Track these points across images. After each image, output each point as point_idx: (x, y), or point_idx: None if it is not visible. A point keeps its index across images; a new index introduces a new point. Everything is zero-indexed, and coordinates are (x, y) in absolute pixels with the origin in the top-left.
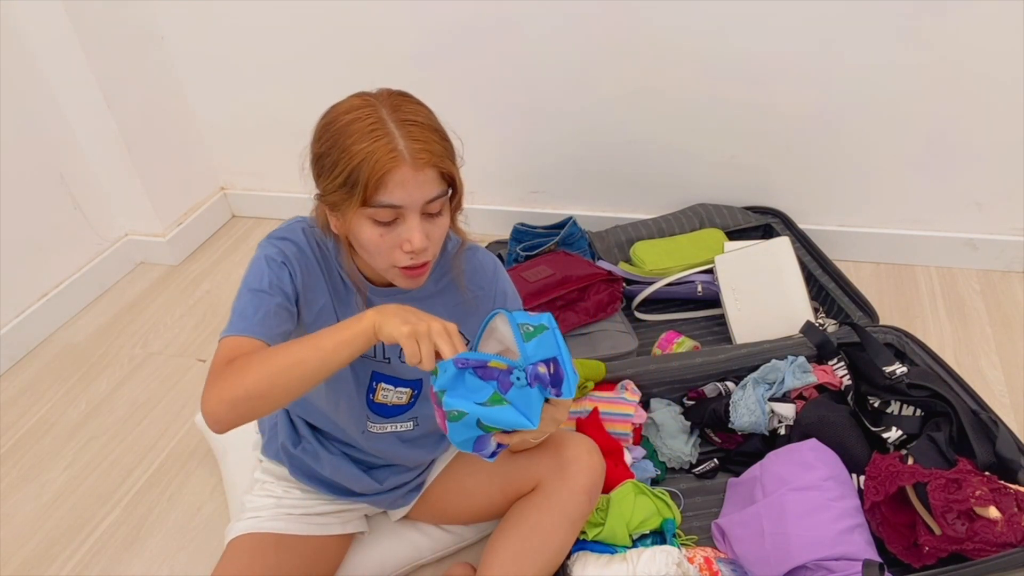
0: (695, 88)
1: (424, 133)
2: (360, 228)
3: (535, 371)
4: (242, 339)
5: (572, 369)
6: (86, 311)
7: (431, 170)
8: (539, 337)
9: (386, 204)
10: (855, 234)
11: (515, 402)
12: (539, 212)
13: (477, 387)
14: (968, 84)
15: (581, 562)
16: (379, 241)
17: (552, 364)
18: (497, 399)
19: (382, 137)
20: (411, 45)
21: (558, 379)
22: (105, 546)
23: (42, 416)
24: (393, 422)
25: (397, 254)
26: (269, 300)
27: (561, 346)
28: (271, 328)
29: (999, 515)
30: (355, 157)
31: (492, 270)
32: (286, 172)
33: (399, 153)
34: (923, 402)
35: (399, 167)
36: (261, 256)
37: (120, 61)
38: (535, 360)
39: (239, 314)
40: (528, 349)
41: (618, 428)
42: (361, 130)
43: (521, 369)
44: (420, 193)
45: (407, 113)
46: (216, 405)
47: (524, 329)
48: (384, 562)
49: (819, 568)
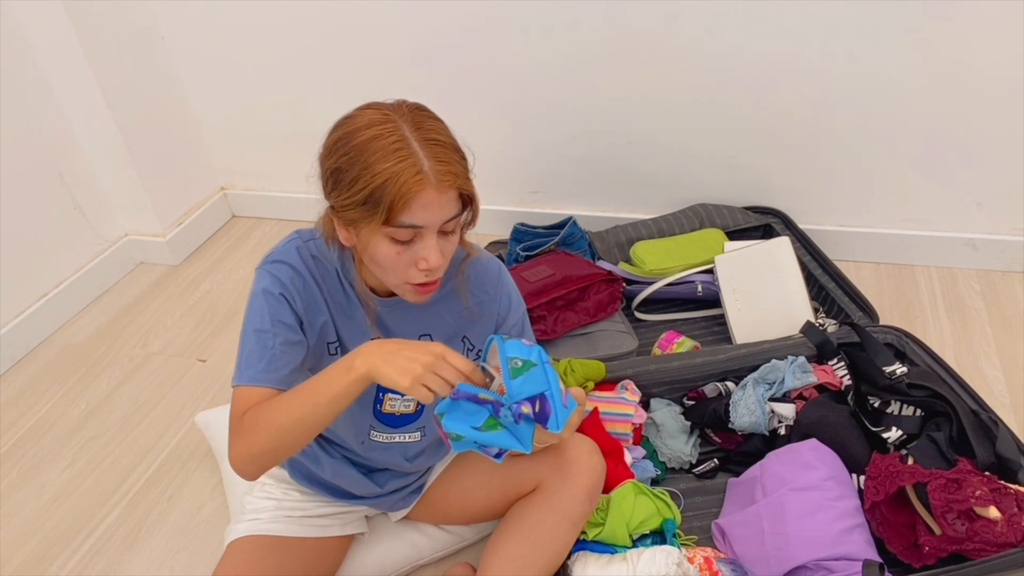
0: (695, 88)
1: (447, 154)
2: (377, 245)
3: (518, 410)
4: (252, 389)
5: (562, 403)
6: (86, 311)
7: (453, 192)
8: (526, 374)
9: (408, 225)
10: (855, 234)
11: (509, 428)
12: (539, 212)
13: (473, 411)
14: (968, 84)
15: (581, 562)
16: (395, 259)
17: (538, 401)
18: (492, 423)
19: (407, 158)
20: (411, 45)
21: (544, 416)
22: (105, 546)
23: (42, 416)
24: (401, 432)
25: (412, 271)
26: (273, 339)
27: (551, 381)
28: (279, 371)
29: (999, 515)
30: (378, 176)
31: (496, 274)
32: (286, 172)
33: (425, 175)
34: (923, 402)
35: (424, 190)
36: (259, 291)
37: (120, 61)
38: (520, 398)
39: (246, 359)
40: (514, 386)
41: (618, 428)
42: (384, 148)
43: (507, 407)
44: (441, 214)
45: (430, 132)
46: (240, 463)
47: (512, 364)
48: (384, 563)
49: (819, 568)
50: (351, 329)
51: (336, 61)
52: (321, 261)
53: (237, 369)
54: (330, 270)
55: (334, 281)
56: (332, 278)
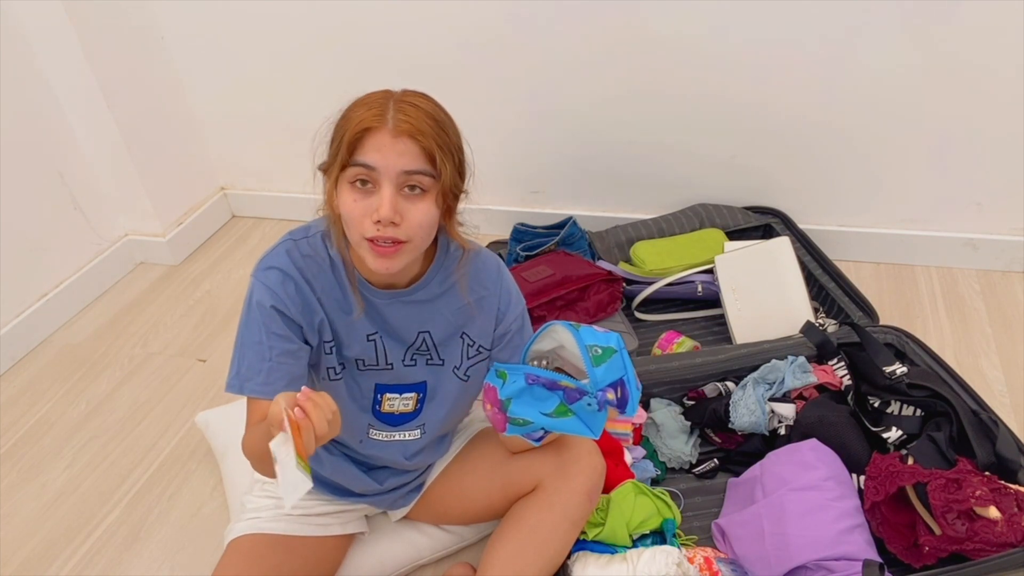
0: (695, 88)
1: (416, 112)
2: (341, 194)
3: (604, 398)
4: (258, 402)
5: (636, 385)
6: (86, 311)
7: (410, 140)
8: (609, 361)
9: (360, 163)
10: (855, 234)
11: (580, 414)
12: (539, 212)
13: (544, 397)
14: (968, 84)
15: (581, 562)
16: (352, 207)
17: (619, 388)
18: (563, 411)
19: (374, 107)
20: (411, 46)
21: (624, 401)
22: (105, 546)
23: (42, 416)
24: (401, 430)
25: (367, 224)
26: (269, 352)
27: (628, 366)
28: (275, 383)
29: (999, 515)
30: (349, 121)
31: (496, 270)
32: (286, 172)
33: (384, 119)
34: (923, 402)
35: (379, 129)
36: (253, 304)
37: (120, 61)
38: (604, 385)
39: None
40: (598, 374)
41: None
42: (361, 102)
43: (592, 395)
44: (396, 161)
45: (411, 97)
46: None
47: (593, 352)
48: (384, 562)
49: (819, 568)
50: (347, 324)
51: (336, 61)
52: (314, 258)
53: (236, 372)
54: (324, 267)
55: (329, 277)
56: (327, 274)
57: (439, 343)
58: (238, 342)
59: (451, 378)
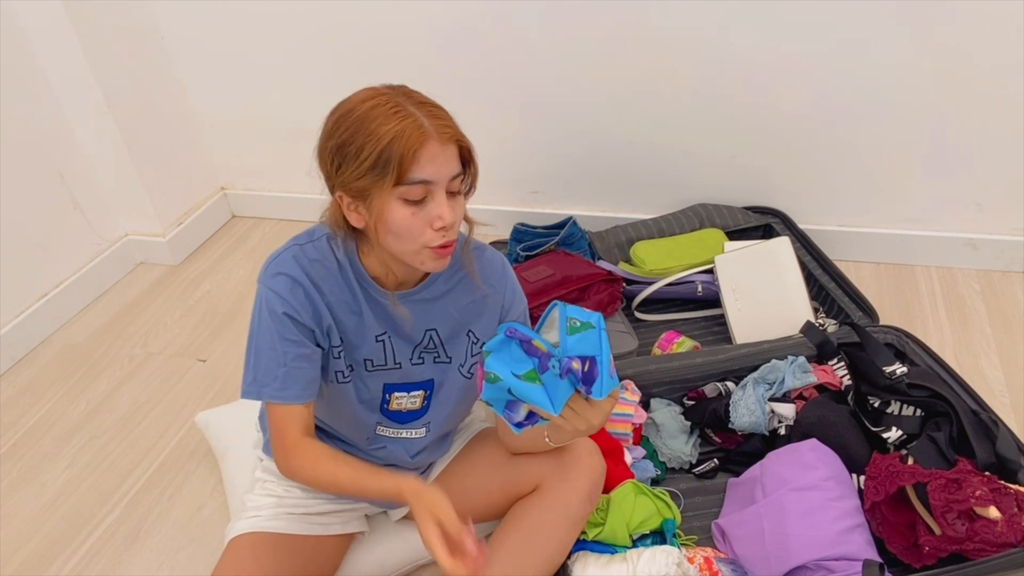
0: (695, 88)
1: (441, 111)
2: (391, 211)
3: (568, 364)
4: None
5: (609, 373)
6: (86, 311)
7: (454, 145)
8: (583, 333)
9: (419, 180)
10: (855, 234)
11: (547, 385)
12: (539, 212)
13: (520, 358)
14: (968, 84)
15: (581, 562)
16: (411, 221)
17: (588, 362)
18: (532, 376)
19: (408, 116)
20: (411, 44)
21: (590, 378)
22: (105, 546)
23: (42, 416)
24: (407, 428)
25: (428, 233)
26: (284, 357)
27: (604, 348)
28: (293, 387)
29: (999, 515)
30: (384, 137)
31: (501, 269)
32: (286, 172)
33: (426, 129)
34: (923, 402)
35: (428, 141)
36: (264, 310)
37: (120, 61)
38: (572, 354)
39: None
40: (569, 342)
41: (618, 428)
42: (385, 113)
43: (557, 359)
44: (448, 168)
45: (420, 97)
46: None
47: (571, 323)
48: (384, 562)
49: (819, 568)
50: (356, 326)
51: (336, 61)
52: (321, 262)
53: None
54: (332, 269)
55: (337, 280)
56: (335, 278)
57: (446, 340)
58: (251, 347)
59: (456, 375)
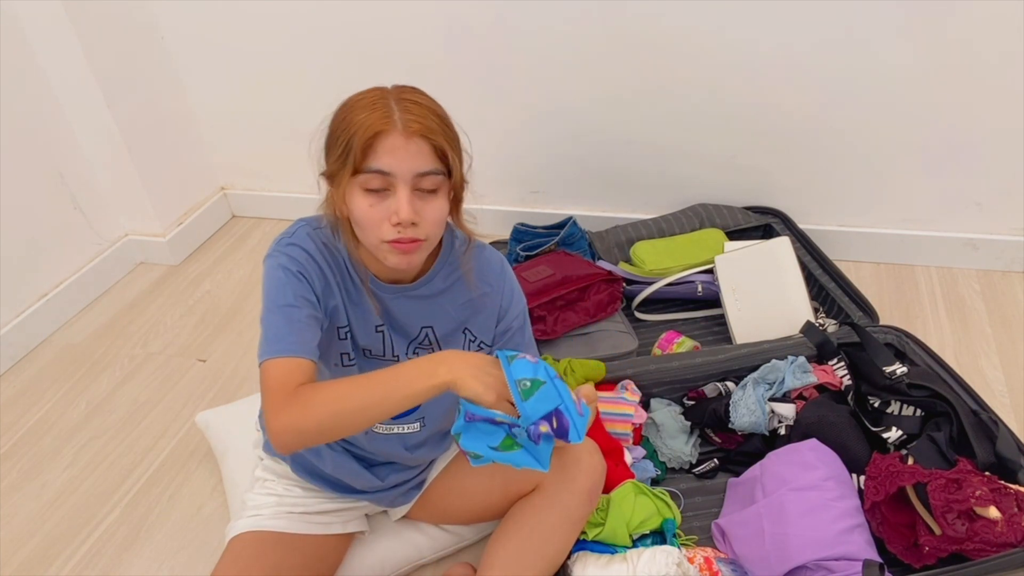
0: (696, 87)
1: (420, 110)
2: (353, 200)
3: (536, 431)
4: (290, 361)
5: (577, 412)
6: (86, 311)
7: (422, 141)
8: (537, 393)
9: (375, 169)
10: (855, 234)
11: (526, 447)
12: (539, 212)
13: (490, 431)
14: (968, 84)
15: (581, 562)
16: (368, 212)
17: (555, 417)
18: (509, 443)
19: (380, 109)
20: (411, 45)
21: (563, 430)
22: (105, 546)
23: (42, 416)
24: (401, 423)
25: (385, 227)
26: (299, 313)
27: (563, 395)
28: (309, 343)
29: (999, 515)
30: (352, 125)
31: (499, 268)
32: (286, 172)
33: (392, 121)
34: (923, 402)
35: (390, 132)
36: (277, 267)
37: (120, 61)
38: (536, 419)
39: (275, 334)
40: (527, 408)
41: (618, 428)
42: (365, 105)
43: (523, 429)
44: (410, 163)
45: (409, 94)
46: (283, 435)
47: (521, 386)
48: (384, 562)
49: (819, 568)
50: (359, 317)
51: (337, 61)
52: (330, 248)
53: (265, 343)
54: (338, 258)
55: (343, 269)
56: (341, 266)
57: (442, 338)
58: (265, 312)
59: None
